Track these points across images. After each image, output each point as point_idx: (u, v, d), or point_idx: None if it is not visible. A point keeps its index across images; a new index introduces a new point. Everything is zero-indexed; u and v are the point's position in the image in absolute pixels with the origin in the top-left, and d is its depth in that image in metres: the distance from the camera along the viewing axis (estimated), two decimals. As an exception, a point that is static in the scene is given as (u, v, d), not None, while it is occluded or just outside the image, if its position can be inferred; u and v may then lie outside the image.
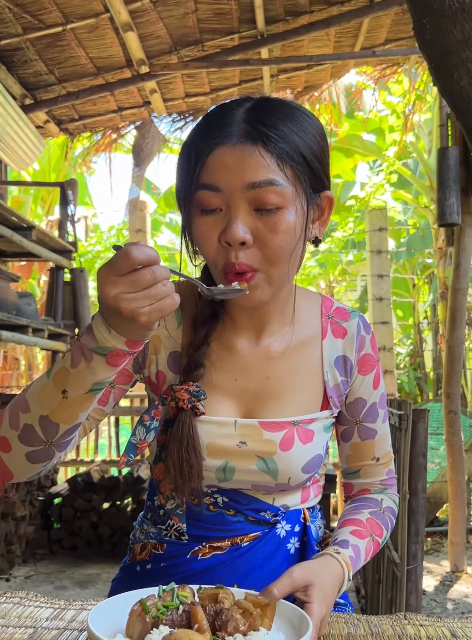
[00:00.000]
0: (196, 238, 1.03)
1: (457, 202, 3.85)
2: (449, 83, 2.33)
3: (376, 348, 1.21)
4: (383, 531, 1.17)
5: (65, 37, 4.34)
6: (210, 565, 1.12)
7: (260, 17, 4.33)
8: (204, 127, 1.03)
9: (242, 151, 0.97)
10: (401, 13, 4.48)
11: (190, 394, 1.07)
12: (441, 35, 2.27)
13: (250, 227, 0.98)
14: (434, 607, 3.71)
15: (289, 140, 0.98)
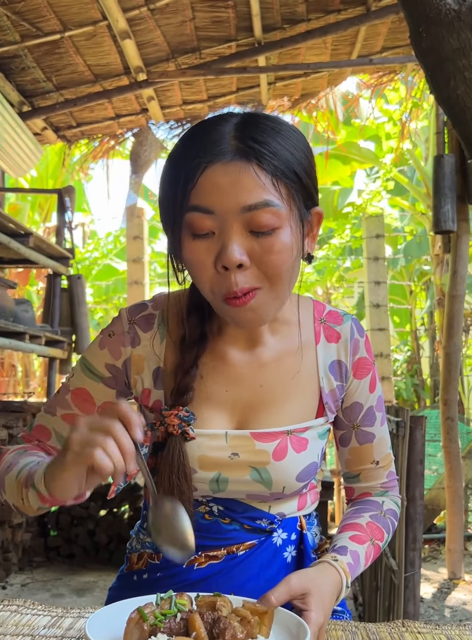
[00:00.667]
0: (188, 263, 0.99)
1: (453, 209, 3.86)
2: (446, 91, 2.35)
3: (370, 351, 1.19)
4: (384, 534, 1.16)
5: (63, 44, 4.36)
6: (207, 574, 1.11)
7: (257, 25, 4.36)
8: (191, 143, 0.97)
9: (236, 170, 0.92)
10: (397, 21, 4.51)
11: (180, 419, 1.05)
12: (437, 43, 2.29)
13: (246, 248, 0.94)
14: (432, 615, 3.70)
15: (282, 157, 0.94)
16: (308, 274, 9.38)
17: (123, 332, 1.12)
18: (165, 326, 1.12)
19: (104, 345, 1.13)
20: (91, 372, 1.13)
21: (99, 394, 1.13)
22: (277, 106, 5.49)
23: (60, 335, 4.66)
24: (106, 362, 1.12)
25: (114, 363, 1.12)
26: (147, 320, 1.12)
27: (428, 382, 8.95)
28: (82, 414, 1.12)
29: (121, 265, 10.67)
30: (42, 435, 1.15)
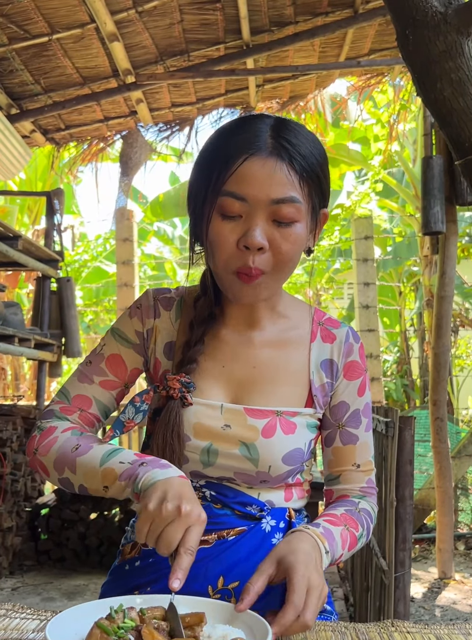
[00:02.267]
0: (213, 238, 1.09)
1: (441, 210, 3.88)
2: (433, 93, 2.36)
3: (363, 358, 1.26)
4: (358, 526, 1.18)
5: (51, 47, 4.35)
6: (197, 558, 1.12)
7: (245, 28, 4.37)
8: (230, 136, 1.09)
9: (271, 166, 1.04)
10: (384, 24, 4.53)
11: (182, 384, 1.14)
12: (424, 46, 2.30)
13: (267, 235, 1.06)
14: (422, 614, 3.72)
15: (309, 160, 1.07)
16: (298, 276, 9.40)
17: (149, 305, 1.24)
18: (181, 311, 1.24)
19: (134, 315, 1.24)
20: (123, 339, 1.24)
21: (131, 359, 1.23)
22: (265, 108, 5.50)
23: (50, 338, 4.64)
24: (136, 329, 1.24)
25: (141, 330, 1.23)
26: (168, 301, 1.25)
27: (418, 383, 8.98)
28: (117, 379, 1.22)
29: (111, 268, 10.65)
30: (83, 404, 1.22)
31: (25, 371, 9.39)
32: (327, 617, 1.20)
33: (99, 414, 1.22)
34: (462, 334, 8.78)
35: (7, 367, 8.73)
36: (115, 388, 1.23)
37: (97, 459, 1.08)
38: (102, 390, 1.22)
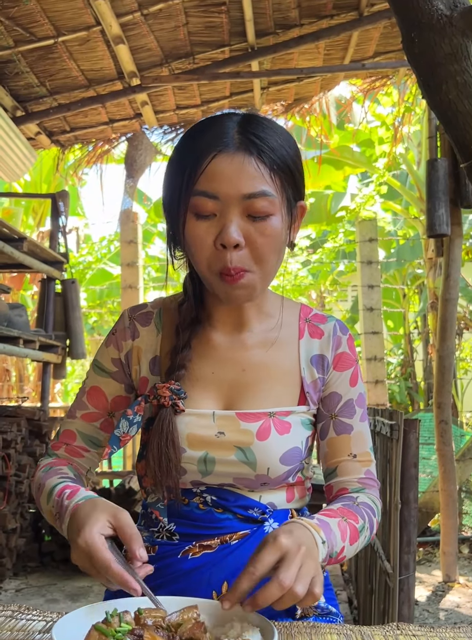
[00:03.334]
0: (190, 241, 1.09)
1: (446, 213, 3.88)
2: (438, 96, 2.36)
3: (353, 349, 1.25)
4: (358, 518, 1.13)
5: (56, 49, 4.36)
6: (200, 564, 1.14)
7: (250, 31, 4.37)
8: (199, 136, 1.09)
9: (240, 161, 1.04)
10: (389, 26, 4.53)
11: (172, 391, 1.13)
12: (430, 49, 2.30)
13: (242, 230, 1.05)
14: (426, 618, 3.71)
15: (279, 152, 1.07)
16: (302, 278, 9.39)
17: (124, 327, 1.23)
18: (161, 322, 1.22)
19: (110, 343, 1.25)
20: (101, 370, 1.25)
21: (110, 389, 1.24)
22: (270, 111, 5.50)
23: (54, 340, 4.65)
24: (112, 356, 1.24)
25: (118, 357, 1.23)
26: (145, 316, 1.24)
27: (422, 385, 8.97)
28: (97, 410, 1.24)
29: (115, 270, 10.66)
30: (69, 438, 1.25)
31: (29, 372, 9.40)
32: (333, 620, 1.19)
33: (85, 445, 1.24)
34: (466, 336, 8.76)
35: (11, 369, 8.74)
36: (97, 419, 1.23)
37: (45, 499, 1.14)
38: (83, 423, 1.24)
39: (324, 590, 1.23)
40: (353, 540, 1.10)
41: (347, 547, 1.08)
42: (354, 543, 1.10)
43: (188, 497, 1.17)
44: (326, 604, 1.20)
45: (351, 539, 1.09)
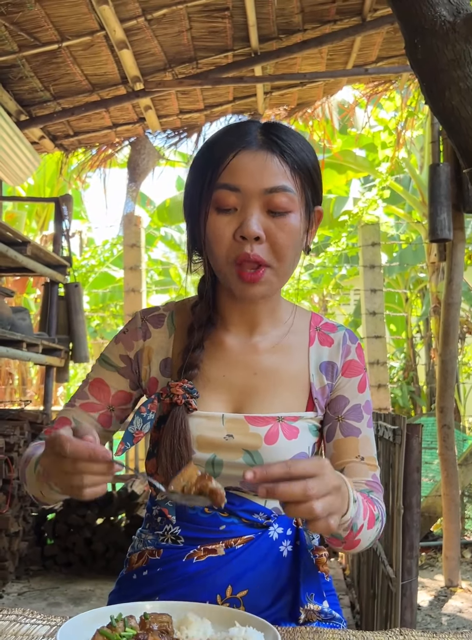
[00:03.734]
0: (210, 234, 1.11)
1: (448, 217, 3.88)
2: (441, 102, 2.37)
3: (362, 357, 1.26)
4: (375, 507, 1.12)
5: (60, 54, 4.38)
6: (205, 567, 1.15)
7: (254, 36, 4.39)
8: (223, 136, 1.15)
9: (262, 157, 1.09)
10: (392, 31, 4.54)
11: (185, 390, 1.15)
12: (433, 55, 2.31)
13: (262, 225, 1.09)
14: (428, 623, 3.70)
15: (299, 154, 1.12)
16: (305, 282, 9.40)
17: (136, 328, 1.25)
18: (173, 324, 1.24)
19: (119, 340, 1.27)
20: (107, 364, 1.26)
21: (115, 383, 1.25)
22: (273, 115, 5.51)
23: (57, 344, 4.66)
24: (120, 353, 1.25)
25: (127, 354, 1.24)
26: (158, 318, 1.26)
27: (424, 390, 8.96)
28: (98, 402, 1.24)
29: (118, 273, 10.68)
30: (63, 425, 1.22)
31: (32, 376, 9.42)
32: (336, 625, 1.19)
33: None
34: (469, 340, 8.76)
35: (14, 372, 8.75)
36: (96, 410, 1.23)
37: (33, 467, 1.13)
38: (81, 412, 1.24)
39: (327, 595, 1.23)
40: (370, 525, 1.09)
41: (364, 528, 1.07)
42: (370, 528, 1.09)
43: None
44: (329, 609, 1.20)
45: (369, 521, 1.09)
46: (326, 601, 1.21)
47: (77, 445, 0.90)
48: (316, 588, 1.20)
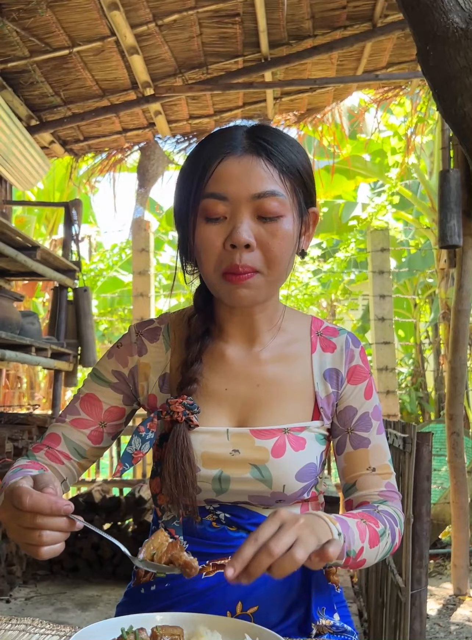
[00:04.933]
0: (199, 244, 1.08)
1: (458, 224, 3.87)
2: (453, 108, 2.35)
3: (366, 362, 1.23)
4: (378, 523, 1.10)
5: (71, 59, 4.39)
6: (214, 583, 1.13)
7: (264, 41, 4.39)
8: (208, 143, 1.11)
9: (247, 162, 1.05)
10: (403, 37, 4.54)
11: (185, 406, 1.11)
12: (445, 61, 2.29)
13: (253, 232, 1.05)
14: (437, 632, 3.67)
15: (287, 156, 1.08)
16: (313, 287, 9.39)
17: (131, 343, 1.21)
18: (169, 338, 1.21)
19: (112, 355, 1.23)
20: (100, 379, 1.22)
21: (107, 398, 1.21)
22: (283, 121, 5.51)
23: (66, 348, 4.66)
24: (113, 369, 1.22)
25: (121, 370, 1.21)
26: (153, 332, 1.22)
27: (433, 396, 8.93)
28: (89, 418, 1.20)
29: (126, 277, 10.69)
30: (52, 442, 1.21)
31: (40, 380, 9.43)
32: (348, 638, 1.17)
33: (68, 452, 1.20)
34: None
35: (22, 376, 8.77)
36: (88, 427, 1.20)
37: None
38: (72, 428, 1.20)
39: (338, 607, 1.22)
40: (373, 544, 1.07)
41: (366, 549, 1.06)
42: (374, 547, 1.08)
43: (201, 514, 1.16)
44: (340, 622, 1.19)
45: (371, 541, 1.07)
46: (337, 614, 1.20)
47: (37, 499, 0.87)
48: (327, 601, 1.19)
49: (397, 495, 1.20)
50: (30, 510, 0.86)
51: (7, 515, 0.90)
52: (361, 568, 1.12)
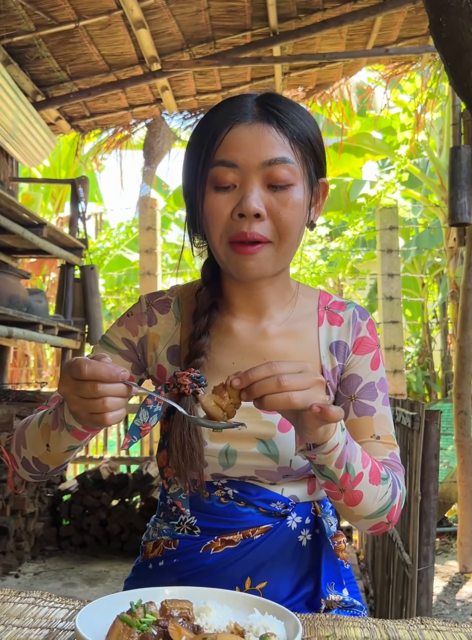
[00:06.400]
0: (208, 214, 1.06)
1: (469, 201, 3.82)
2: (465, 82, 2.31)
3: (374, 334, 1.21)
4: (383, 468, 1.07)
5: (77, 34, 4.34)
6: (223, 559, 1.13)
7: (272, 15, 4.32)
8: (218, 111, 1.08)
9: (258, 129, 1.03)
10: (413, 11, 4.46)
11: (192, 379, 1.08)
12: (458, 34, 2.25)
13: (263, 201, 1.03)
14: (443, 608, 3.70)
15: (298, 124, 1.06)
16: (320, 266, 9.35)
17: (141, 312, 1.21)
18: (180, 311, 1.20)
19: (122, 323, 1.22)
20: (109, 346, 1.21)
21: (115, 364, 1.17)
22: (291, 96, 5.45)
23: (73, 326, 4.66)
24: (123, 336, 1.21)
25: (131, 338, 1.20)
26: (164, 303, 1.21)
27: (439, 375, 8.92)
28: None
29: (133, 256, 10.67)
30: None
31: (47, 358, 9.47)
32: (357, 613, 1.18)
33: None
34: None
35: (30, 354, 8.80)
36: None
37: (36, 425, 1.09)
38: None
39: (348, 583, 1.21)
40: (374, 480, 1.04)
41: (365, 479, 1.02)
42: (373, 484, 1.04)
43: (209, 490, 1.15)
44: (349, 597, 1.19)
45: (372, 475, 1.04)
46: (346, 589, 1.20)
47: (96, 366, 0.87)
48: (336, 577, 1.18)
49: (401, 467, 1.17)
50: (90, 377, 0.87)
51: (68, 388, 0.90)
52: (355, 510, 1.06)
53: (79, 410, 0.91)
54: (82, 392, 0.88)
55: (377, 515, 1.07)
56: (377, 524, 1.09)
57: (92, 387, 0.87)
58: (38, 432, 1.07)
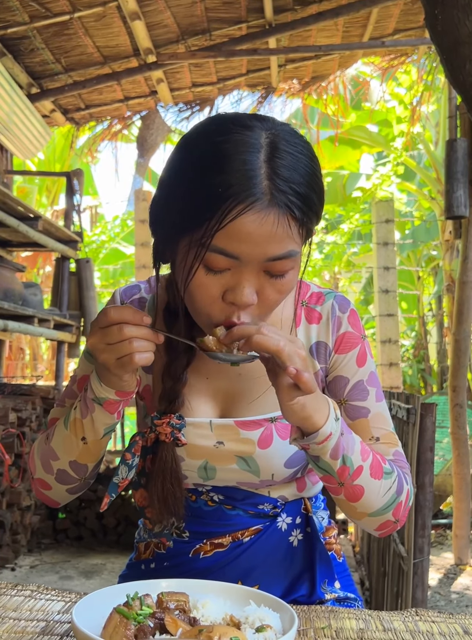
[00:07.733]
0: (194, 290, 0.95)
1: (465, 194, 3.83)
2: (461, 74, 2.31)
3: (357, 325, 1.12)
4: (386, 462, 1.04)
5: (72, 25, 4.32)
6: (213, 563, 1.11)
7: (268, 7, 4.30)
8: (224, 165, 0.88)
9: (271, 222, 0.88)
10: (410, 3, 4.45)
11: (172, 427, 1.04)
12: (454, 26, 2.25)
13: (256, 287, 0.93)
14: (438, 600, 3.72)
15: (310, 203, 0.92)
16: (316, 260, 9.35)
17: None
18: (155, 312, 1.12)
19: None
20: (91, 357, 1.13)
21: None
22: (287, 89, 5.44)
23: (69, 319, 4.66)
24: None
25: None
26: (139, 303, 1.15)
27: (435, 368, 8.94)
28: None
29: (128, 249, 10.65)
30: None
31: (43, 351, 9.46)
32: (351, 604, 1.17)
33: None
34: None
35: (25, 347, 8.79)
36: None
37: (62, 428, 1.06)
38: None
39: (341, 577, 1.21)
40: (375, 474, 1.01)
41: (366, 473, 1.00)
42: (375, 479, 1.01)
43: (195, 494, 1.13)
44: (342, 590, 1.18)
45: (373, 469, 1.00)
46: (338, 582, 1.19)
47: (121, 309, 0.90)
48: (329, 573, 1.17)
49: (407, 464, 1.12)
50: (116, 320, 0.89)
51: (96, 338, 0.91)
52: (357, 507, 1.02)
53: (107, 359, 0.91)
54: (109, 338, 0.90)
55: (382, 512, 1.04)
56: (383, 522, 1.05)
57: (118, 329, 0.89)
58: (67, 433, 1.04)
